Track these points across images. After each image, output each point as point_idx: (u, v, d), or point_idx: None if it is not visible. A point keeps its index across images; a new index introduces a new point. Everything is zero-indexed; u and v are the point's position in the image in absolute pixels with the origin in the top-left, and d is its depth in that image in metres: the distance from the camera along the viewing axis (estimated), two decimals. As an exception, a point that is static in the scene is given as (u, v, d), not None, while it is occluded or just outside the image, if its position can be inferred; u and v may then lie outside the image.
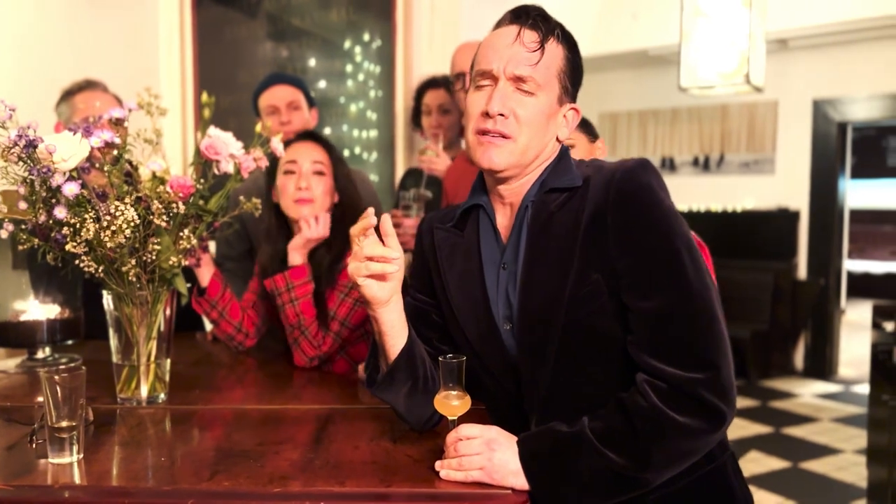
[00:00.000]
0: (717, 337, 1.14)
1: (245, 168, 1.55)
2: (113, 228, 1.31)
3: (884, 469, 3.25)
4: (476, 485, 1.13)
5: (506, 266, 1.29)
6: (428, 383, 1.29)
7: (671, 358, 1.13)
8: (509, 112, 1.24)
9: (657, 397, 1.12)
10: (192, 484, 1.13)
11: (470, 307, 1.33)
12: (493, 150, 1.25)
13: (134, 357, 1.55)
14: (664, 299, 1.15)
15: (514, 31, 1.25)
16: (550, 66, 1.26)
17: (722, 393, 1.12)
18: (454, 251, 1.37)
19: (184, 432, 1.44)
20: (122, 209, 1.32)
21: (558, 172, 1.29)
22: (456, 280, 1.35)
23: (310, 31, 3.74)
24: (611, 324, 1.20)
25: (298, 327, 1.89)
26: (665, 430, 1.11)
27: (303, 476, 1.17)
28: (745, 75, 4.30)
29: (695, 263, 1.17)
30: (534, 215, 1.27)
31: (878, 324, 3.47)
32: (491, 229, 1.33)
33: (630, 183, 1.19)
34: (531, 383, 1.26)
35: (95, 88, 2.40)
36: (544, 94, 1.25)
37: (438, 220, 1.43)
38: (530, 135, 1.25)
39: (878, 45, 5.94)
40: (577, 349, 1.22)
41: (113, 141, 1.34)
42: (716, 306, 1.16)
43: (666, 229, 1.17)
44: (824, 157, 6.41)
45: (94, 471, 1.20)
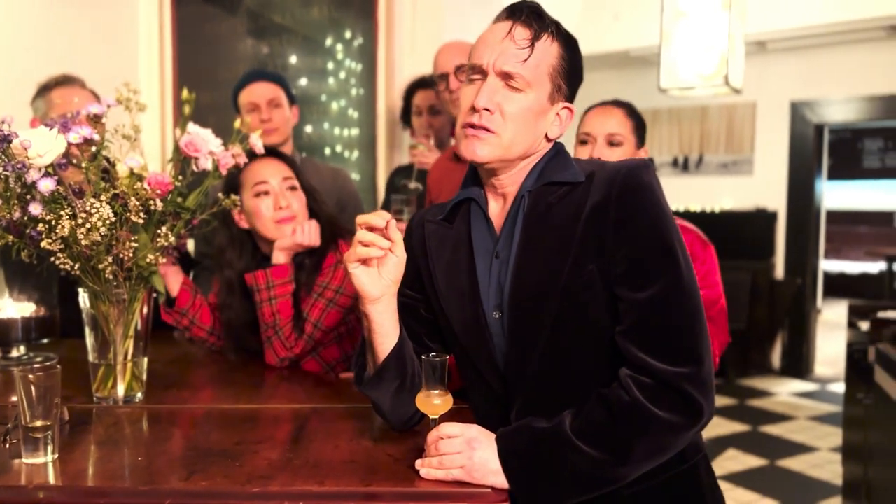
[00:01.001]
0: (703, 332, 1.16)
1: (224, 165, 1.54)
2: (88, 226, 1.29)
3: (859, 466, 3.28)
4: (456, 484, 1.13)
5: (499, 255, 1.29)
6: (415, 382, 1.29)
7: (657, 347, 1.15)
8: (495, 107, 1.24)
9: (640, 392, 1.13)
10: (169, 484, 1.12)
11: (456, 296, 1.33)
12: (477, 143, 1.25)
13: (110, 356, 1.53)
14: (657, 289, 1.16)
15: (507, 26, 1.26)
16: (541, 63, 1.25)
17: (703, 388, 1.13)
18: (443, 242, 1.37)
19: (161, 432, 1.43)
20: (98, 206, 1.30)
21: (557, 167, 1.30)
22: (443, 269, 1.35)
23: (291, 28, 3.72)
24: (602, 315, 1.21)
25: (273, 326, 1.88)
26: (646, 425, 1.12)
27: (282, 476, 1.16)
28: (725, 77, 4.33)
29: (686, 262, 1.20)
30: (531, 205, 1.28)
31: (854, 323, 3.50)
32: (483, 219, 1.33)
33: (634, 180, 1.21)
34: (517, 375, 1.26)
35: (73, 84, 2.36)
36: (533, 92, 1.25)
37: (429, 215, 1.43)
38: (515, 130, 1.25)
39: (854, 47, 6.00)
40: (567, 340, 1.23)
41: (91, 137, 1.32)
42: (702, 305, 1.19)
43: (664, 227, 1.20)
44: (802, 158, 6.47)
45: (69, 471, 1.19)
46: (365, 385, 1.30)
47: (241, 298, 1.97)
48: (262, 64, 3.65)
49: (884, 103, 6.10)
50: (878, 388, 2.83)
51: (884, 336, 2.86)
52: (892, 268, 8.19)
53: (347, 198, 2.68)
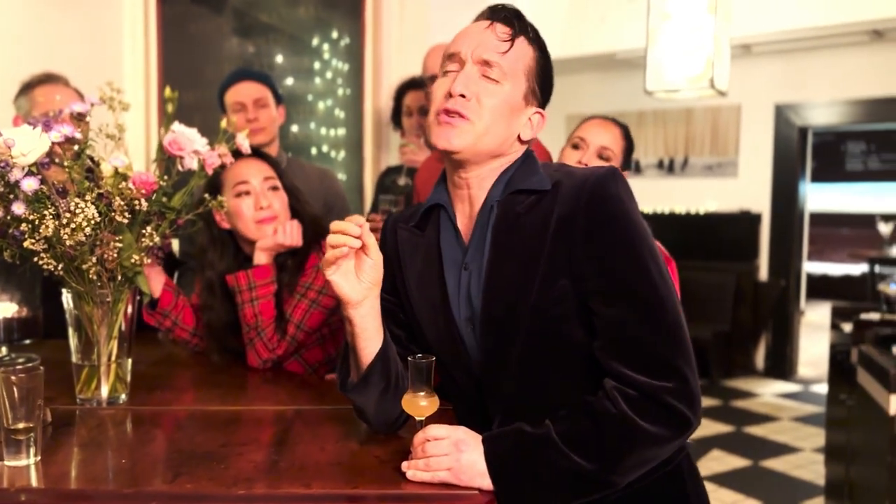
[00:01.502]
0: (684, 345, 1.15)
1: (210, 165, 1.53)
2: (73, 226, 1.28)
3: (841, 467, 3.31)
4: (443, 485, 1.13)
5: (467, 266, 1.28)
6: (399, 384, 1.28)
7: (640, 365, 1.13)
8: (472, 95, 1.23)
9: (626, 405, 1.12)
10: (154, 486, 1.12)
11: (429, 309, 1.32)
12: (450, 130, 1.23)
13: (94, 357, 1.52)
14: (632, 306, 1.15)
15: (486, 22, 1.26)
16: (519, 59, 1.25)
17: (690, 402, 1.13)
18: (415, 251, 1.36)
19: (145, 434, 1.42)
20: (83, 206, 1.28)
21: (524, 174, 1.28)
22: (415, 280, 1.34)
23: (277, 27, 3.70)
24: (575, 329, 1.20)
25: (255, 328, 1.86)
26: (634, 437, 1.12)
27: (267, 478, 1.15)
28: (710, 79, 4.34)
29: (660, 272, 1.18)
30: (499, 216, 1.25)
31: (837, 325, 3.54)
32: (452, 229, 1.31)
33: (601, 190, 1.19)
34: (494, 387, 1.26)
35: (56, 82, 2.35)
36: (510, 85, 1.24)
37: (402, 220, 1.41)
38: (490, 121, 1.23)
39: (838, 51, 6.06)
40: (541, 354, 1.22)
41: (74, 136, 1.30)
42: (682, 315, 1.17)
43: (634, 238, 1.18)
44: (786, 160, 6.52)
45: (52, 473, 1.18)
46: (350, 390, 1.28)
47: (222, 299, 1.95)
48: (248, 63, 3.63)
49: (867, 106, 6.16)
50: (860, 390, 2.86)
51: (866, 338, 2.89)
52: (875, 270, 8.26)
53: (334, 199, 2.68)
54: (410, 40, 3.39)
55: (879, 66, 5.92)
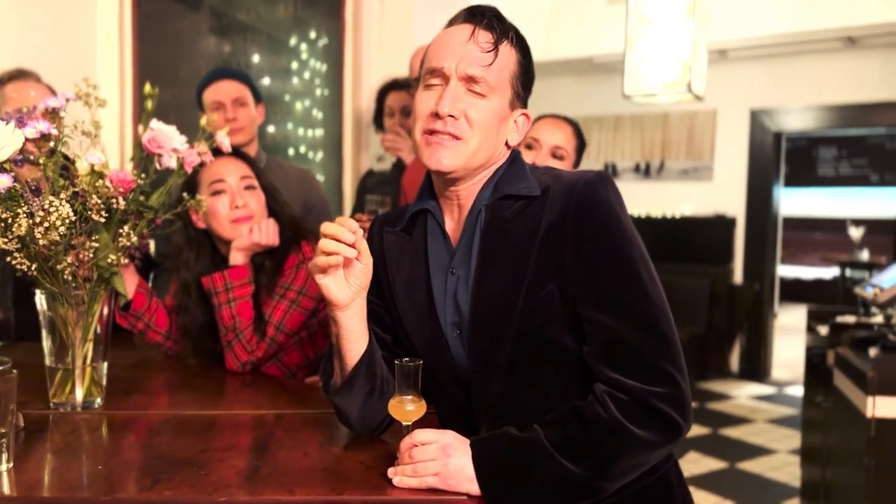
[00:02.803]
0: (675, 351, 1.14)
1: (189, 163, 1.50)
2: (46, 225, 1.24)
3: (817, 468, 3.34)
4: (430, 491, 1.10)
5: (454, 271, 1.26)
6: (385, 389, 1.25)
7: (631, 370, 1.12)
8: (460, 113, 1.20)
9: (617, 409, 1.10)
10: (132, 493, 1.08)
11: (416, 313, 1.29)
12: (442, 151, 1.20)
13: (68, 360, 1.47)
14: (622, 312, 1.14)
15: (468, 29, 1.21)
16: (503, 68, 1.22)
17: (681, 407, 1.11)
18: (401, 255, 1.33)
19: (122, 439, 1.38)
20: (57, 205, 1.25)
21: (512, 178, 1.26)
22: (402, 285, 1.32)
23: (254, 26, 3.66)
24: (564, 334, 1.18)
25: (233, 330, 1.83)
26: (625, 442, 1.10)
27: (249, 485, 1.12)
28: (688, 84, 4.37)
29: (651, 277, 1.17)
30: (488, 221, 1.24)
31: (813, 328, 3.57)
32: (439, 233, 1.29)
33: (590, 195, 1.18)
34: (482, 393, 1.24)
35: (28, 78, 2.30)
36: (496, 97, 1.22)
37: (387, 223, 1.39)
38: (481, 137, 1.21)
39: (813, 58, 6.14)
40: (530, 359, 1.20)
41: (49, 132, 1.26)
42: (672, 320, 1.16)
43: (624, 244, 1.17)
44: (760, 165, 6.59)
45: (24, 480, 1.13)
46: (334, 393, 1.26)
47: (198, 301, 1.91)
48: (225, 62, 3.59)
49: (840, 112, 6.24)
50: (836, 392, 2.88)
51: (843, 340, 2.91)
52: (846, 273, 8.38)
53: (314, 200, 2.64)
54: (391, 41, 3.37)
55: (853, 73, 6.01)
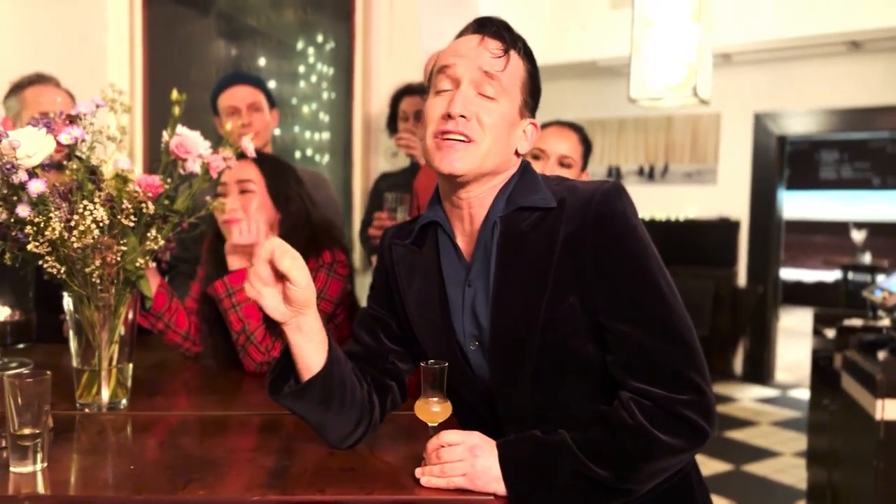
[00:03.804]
0: (698, 358, 1.16)
1: (214, 168, 1.52)
2: (81, 228, 1.26)
3: (824, 471, 3.36)
4: (458, 491, 1.12)
5: (471, 283, 1.26)
6: (344, 405, 1.24)
7: (656, 379, 1.14)
8: (471, 115, 1.20)
9: (643, 416, 1.12)
10: (166, 493, 1.10)
11: (430, 326, 1.30)
12: (453, 154, 1.20)
13: (95, 361, 1.50)
14: (645, 323, 1.16)
15: (478, 38, 1.24)
16: (513, 75, 1.24)
17: (706, 413, 1.13)
18: (412, 269, 1.34)
19: (149, 439, 1.40)
20: (91, 209, 1.27)
21: (525, 189, 1.26)
22: (415, 299, 1.32)
23: (262, 30, 3.69)
24: (586, 344, 1.20)
25: (244, 332, 1.85)
26: (651, 448, 1.12)
27: (280, 484, 1.14)
28: (693, 88, 4.40)
29: (669, 285, 1.19)
30: (503, 233, 1.24)
31: (819, 331, 3.59)
32: (451, 246, 1.29)
33: (607, 207, 1.19)
34: (506, 404, 1.25)
35: (47, 82, 2.31)
36: (507, 101, 1.23)
37: (397, 236, 1.39)
38: (492, 140, 1.22)
39: (817, 62, 6.17)
40: (553, 369, 1.22)
41: (83, 138, 1.29)
42: (692, 327, 1.18)
43: (642, 254, 1.19)
44: (764, 168, 6.61)
45: (60, 480, 1.16)
46: (282, 397, 1.23)
47: (214, 307, 1.94)
48: (232, 65, 3.61)
49: (844, 116, 6.27)
50: (844, 395, 2.90)
51: (850, 343, 2.93)
52: (848, 276, 8.40)
53: (326, 203, 2.66)
54: (400, 46, 3.40)
55: (857, 77, 6.03)
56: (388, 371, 1.37)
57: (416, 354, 1.36)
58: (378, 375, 1.36)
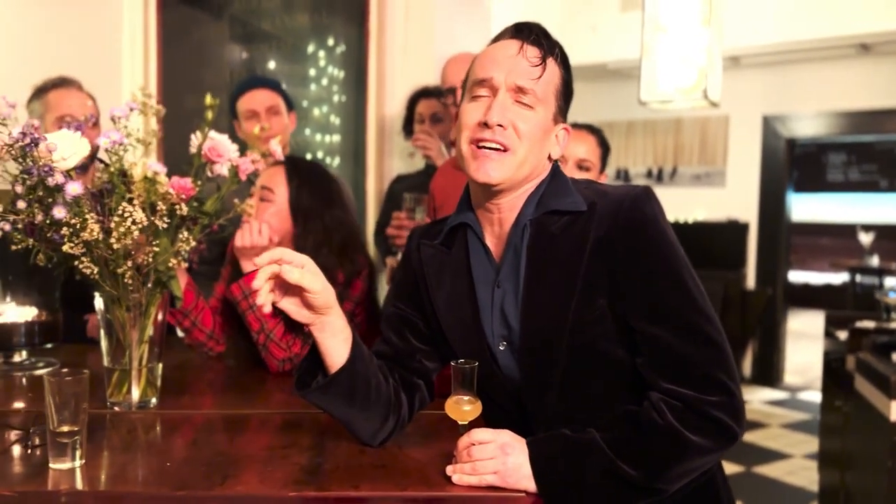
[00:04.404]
0: (728, 360, 1.18)
1: (244, 171, 1.54)
2: (122, 230, 1.28)
3: (836, 473, 3.37)
4: (489, 488, 1.14)
5: (500, 284, 1.28)
6: (369, 401, 1.27)
7: (686, 381, 1.16)
8: (508, 123, 1.22)
9: (673, 417, 1.14)
10: (204, 489, 1.12)
11: (460, 326, 1.32)
12: (490, 163, 1.22)
13: (125, 361, 1.52)
14: (675, 326, 1.18)
15: (517, 45, 1.25)
16: (549, 82, 1.25)
17: (735, 414, 1.15)
18: (442, 270, 1.36)
19: (180, 437, 1.42)
20: (131, 210, 1.29)
21: (555, 192, 1.28)
22: (444, 300, 1.34)
23: (274, 34, 3.72)
24: (615, 346, 1.22)
25: (263, 331, 1.87)
26: (681, 448, 1.14)
27: (315, 480, 1.16)
28: (703, 91, 4.42)
29: (698, 288, 1.20)
30: (534, 236, 1.26)
31: (831, 333, 3.60)
32: (481, 247, 1.31)
33: (638, 212, 1.21)
34: (537, 405, 1.27)
35: (70, 86, 2.35)
36: (542, 109, 1.25)
37: (425, 236, 1.41)
38: (528, 148, 1.23)
39: (826, 64, 6.18)
40: (583, 371, 1.24)
41: (122, 142, 1.31)
42: (721, 329, 1.19)
43: (672, 257, 1.21)
44: (773, 171, 6.62)
45: (98, 476, 1.18)
46: (309, 393, 1.27)
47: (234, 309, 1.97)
48: (244, 69, 3.65)
49: (853, 119, 6.28)
50: (857, 396, 2.91)
51: (864, 345, 2.94)
52: (856, 279, 8.39)
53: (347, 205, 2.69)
54: (414, 49, 3.42)
55: (866, 79, 6.04)
56: (416, 370, 1.39)
57: (443, 354, 1.39)
58: (406, 374, 1.38)
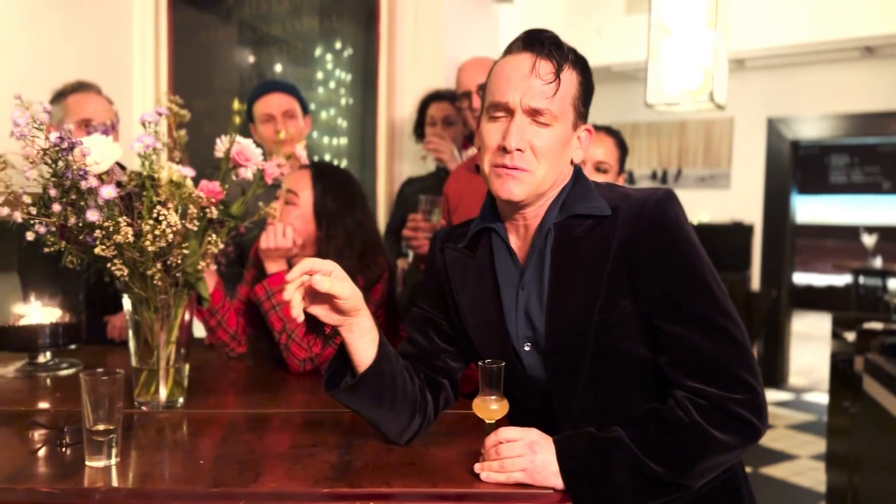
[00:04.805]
0: (750, 358, 1.21)
1: (269, 174, 1.57)
2: (157, 232, 1.31)
3: (844, 474, 3.39)
4: (518, 485, 1.17)
5: (525, 287, 1.31)
6: (396, 399, 1.30)
7: (711, 380, 1.18)
8: (526, 146, 1.25)
9: (699, 414, 1.17)
10: (240, 485, 1.15)
11: (485, 328, 1.35)
12: (512, 182, 1.26)
13: (153, 361, 1.55)
14: (699, 326, 1.20)
15: (529, 61, 1.25)
16: (566, 95, 1.26)
17: (758, 412, 1.18)
18: (466, 272, 1.39)
19: (209, 436, 1.45)
20: (165, 214, 1.32)
21: (579, 197, 1.31)
22: (469, 301, 1.37)
23: (282, 38, 3.75)
24: (639, 346, 1.25)
25: (285, 331, 1.90)
26: (707, 445, 1.16)
27: (346, 477, 1.19)
28: (710, 93, 4.44)
29: (720, 288, 1.23)
30: (558, 239, 1.29)
31: (838, 334, 3.62)
32: (505, 250, 1.34)
33: (661, 214, 1.24)
34: (563, 404, 1.30)
35: (88, 90, 2.37)
36: (560, 125, 1.26)
37: (449, 240, 1.44)
38: (548, 165, 1.26)
39: (831, 67, 6.21)
40: (608, 370, 1.27)
41: (155, 146, 1.34)
42: (744, 329, 1.22)
43: (695, 258, 1.23)
44: (777, 173, 6.65)
45: (134, 474, 1.21)
46: (338, 393, 1.29)
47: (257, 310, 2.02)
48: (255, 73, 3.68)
49: (855, 121, 6.31)
50: (866, 397, 2.93)
51: (872, 346, 2.96)
52: (859, 280, 8.41)
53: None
54: (424, 52, 3.44)
55: (870, 82, 6.07)
56: (441, 369, 1.42)
57: (468, 354, 1.41)
58: (431, 374, 1.41)
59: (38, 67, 3.05)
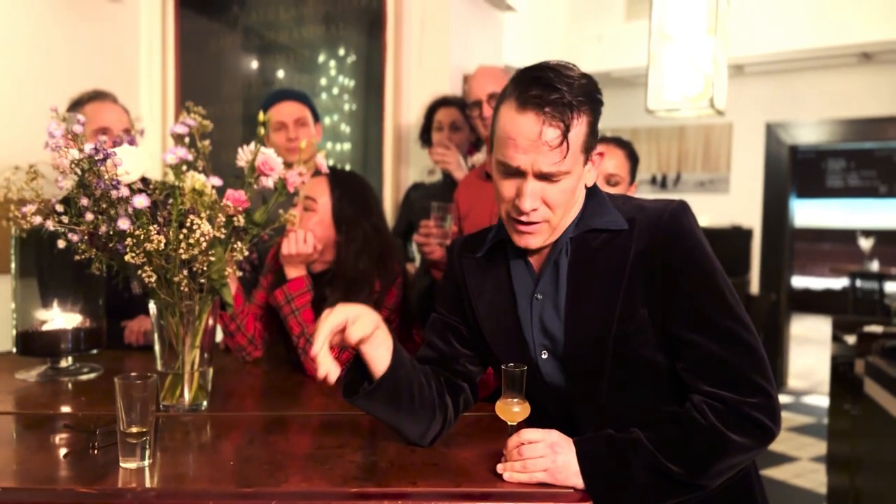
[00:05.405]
0: (764, 363, 1.25)
1: (291, 183, 1.61)
2: (191, 241, 1.35)
3: (845, 476, 3.43)
4: (538, 485, 1.21)
5: (539, 297, 1.36)
6: (414, 403, 1.34)
7: (726, 384, 1.23)
8: (540, 203, 1.28)
9: (715, 417, 1.21)
10: (272, 485, 1.18)
11: (502, 335, 1.40)
12: (530, 237, 1.31)
13: (177, 365, 1.59)
14: (715, 333, 1.24)
15: (536, 127, 1.22)
16: (575, 147, 1.25)
17: (773, 415, 1.23)
18: (483, 280, 1.43)
19: (235, 438, 1.48)
20: (198, 223, 1.36)
21: (595, 212, 1.34)
22: (486, 309, 1.42)
23: (286, 45, 3.80)
24: (656, 353, 1.29)
25: (303, 335, 1.94)
26: (723, 447, 1.21)
27: (374, 477, 1.23)
28: (710, 99, 4.49)
29: (734, 296, 1.27)
30: (575, 251, 1.33)
31: (839, 337, 3.67)
32: (522, 260, 1.39)
33: (676, 225, 1.28)
34: (585, 411, 1.34)
35: (105, 99, 2.41)
36: (572, 174, 1.28)
37: (466, 248, 1.48)
38: (563, 211, 1.30)
39: (829, 73, 6.27)
40: (626, 377, 1.31)
41: (187, 157, 1.38)
42: (757, 334, 1.27)
43: (709, 268, 1.27)
44: (776, 177, 6.71)
45: (165, 475, 1.24)
46: (356, 399, 1.33)
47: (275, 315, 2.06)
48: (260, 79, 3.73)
49: (855, 126, 6.37)
50: (867, 400, 2.97)
51: (873, 349, 3.01)
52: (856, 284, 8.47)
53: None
54: (430, 59, 3.49)
55: (868, 88, 6.13)
56: (460, 373, 1.46)
57: (486, 358, 1.46)
58: (450, 377, 1.45)
59: (47, 76, 3.09)
